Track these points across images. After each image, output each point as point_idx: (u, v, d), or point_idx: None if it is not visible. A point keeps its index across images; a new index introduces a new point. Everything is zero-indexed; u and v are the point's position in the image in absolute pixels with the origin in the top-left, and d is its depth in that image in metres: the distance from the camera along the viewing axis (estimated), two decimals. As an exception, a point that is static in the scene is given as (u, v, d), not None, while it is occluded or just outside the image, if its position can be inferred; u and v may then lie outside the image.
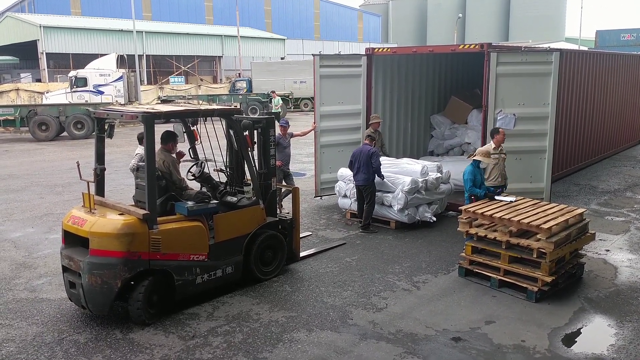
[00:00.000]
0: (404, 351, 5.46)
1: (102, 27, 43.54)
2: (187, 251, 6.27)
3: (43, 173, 15.30)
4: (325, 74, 10.96)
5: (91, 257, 5.83)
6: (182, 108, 6.82)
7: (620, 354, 5.42)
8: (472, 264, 7.24)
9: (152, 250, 5.97)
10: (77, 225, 6.05)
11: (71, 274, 6.11)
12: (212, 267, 6.53)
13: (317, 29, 67.46)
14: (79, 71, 30.18)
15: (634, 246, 8.65)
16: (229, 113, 7.06)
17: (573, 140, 13.74)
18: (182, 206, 6.30)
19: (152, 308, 6.10)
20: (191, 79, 47.64)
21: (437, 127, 13.84)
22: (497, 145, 8.33)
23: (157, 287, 6.14)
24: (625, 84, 17.29)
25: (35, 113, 23.00)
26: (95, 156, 6.90)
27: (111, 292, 5.84)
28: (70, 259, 6.09)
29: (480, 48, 9.66)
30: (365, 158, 9.15)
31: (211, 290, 6.68)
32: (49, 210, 11.11)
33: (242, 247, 6.86)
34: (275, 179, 7.65)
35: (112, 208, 6.33)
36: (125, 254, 5.80)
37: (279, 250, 7.38)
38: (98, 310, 6.00)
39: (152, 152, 6.13)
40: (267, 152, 7.43)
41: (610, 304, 6.58)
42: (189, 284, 6.34)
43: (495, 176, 8.24)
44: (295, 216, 7.74)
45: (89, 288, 5.83)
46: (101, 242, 5.81)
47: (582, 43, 55.09)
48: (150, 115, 6.13)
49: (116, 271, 5.78)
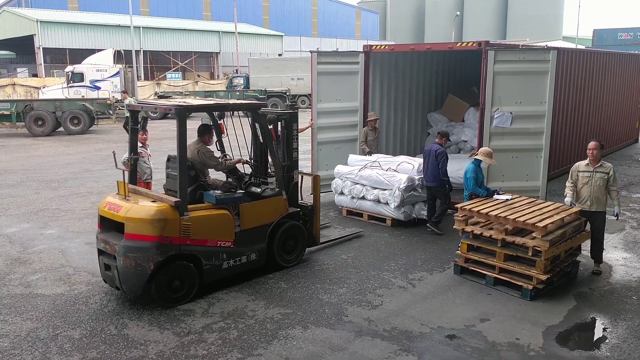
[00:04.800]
0: (399, 348, 5.46)
1: (99, 22, 43.44)
2: (214, 237, 6.62)
3: (39, 168, 15.26)
4: (323, 70, 10.94)
5: (126, 240, 6.17)
6: (212, 102, 7.28)
7: (614, 353, 5.43)
8: (467, 261, 7.25)
9: (182, 236, 6.31)
10: (113, 211, 6.39)
11: (106, 257, 6.42)
12: (237, 254, 6.87)
13: (315, 26, 67.39)
14: (75, 66, 30.08)
15: (629, 245, 8.68)
16: (256, 107, 7.40)
17: (569, 139, 13.76)
18: (211, 195, 6.67)
19: (174, 292, 6.37)
20: (188, 75, 47.58)
21: (434, 125, 13.84)
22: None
23: (181, 272, 6.41)
24: (622, 83, 17.32)
25: (31, 108, 22.89)
26: (128, 146, 7.30)
27: (144, 274, 6.13)
28: (106, 243, 6.40)
29: (477, 46, 9.66)
30: (433, 157, 8.96)
31: (236, 276, 7.00)
32: (44, 206, 11.08)
33: (265, 235, 7.19)
34: (297, 171, 7.91)
35: (145, 195, 6.70)
36: (158, 238, 6.14)
37: (300, 240, 7.70)
38: (131, 291, 6.32)
39: (184, 144, 6.49)
40: (290, 144, 7.74)
41: (605, 303, 6.60)
42: (215, 268, 6.68)
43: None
44: (315, 203, 8.04)
45: (123, 270, 6.15)
46: (136, 226, 6.15)
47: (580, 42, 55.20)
48: (183, 109, 6.45)
49: (149, 254, 6.11)
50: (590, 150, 7.27)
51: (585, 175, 7.27)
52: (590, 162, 7.28)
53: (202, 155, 7.06)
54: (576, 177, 7.37)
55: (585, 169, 7.30)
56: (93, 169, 15.17)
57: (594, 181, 7.20)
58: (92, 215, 10.33)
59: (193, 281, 6.51)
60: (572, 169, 7.48)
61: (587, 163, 7.31)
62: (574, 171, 7.43)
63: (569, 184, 7.48)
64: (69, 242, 8.78)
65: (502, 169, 9.31)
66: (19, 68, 44.36)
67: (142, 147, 9.05)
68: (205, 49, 49.63)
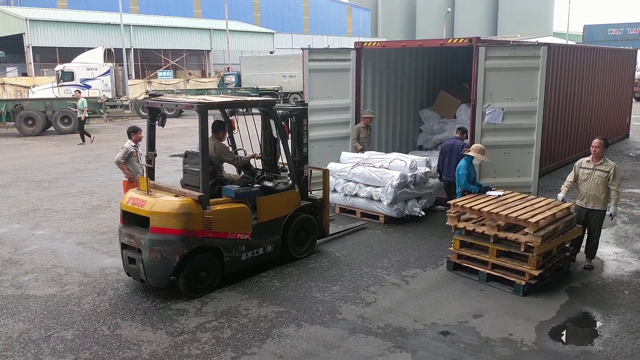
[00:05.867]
0: (393, 345, 5.47)
1: (89, 20, 43.10)
2: (234, 230, 6.85)
3: (29, 168, 15.15)
4: (315, 68, 10.91)
5: (152, 234, 6.35)
6: (231, 99, 7.58)
7: (606, 347, 5.46)
8: (460, 258, 7.27)
9: (205, 229, 6.53)
10: (137, 206, 6.57)
11: (130, 251, 6.62)
12: (255, 246, 7.13)
13: (306, 23, 67.25)
14: (65, 65, 29.84)
15: (621, 239, 8.73)
16: (271, 104, 7.61)
17: (560, 135, 13.83)
18: (229, 189, 6.88)
19: (200, 283, 6.60)
20: (179, 73, 47.39)
21: (426, 122, 13.86)
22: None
23: (205, 263, 6.65)
24: (612, 78, 17.41)
25: (21, 107, 22.72)
26: (147, 143, 7.40)
27: (170, 267, 6.35)
28: (130, 237, 6.58)
29: (469, 42, 9.67)
30: (457, 152, 8.96)
31: (254, 267, 7.26)
32: (35, 206, 11.00)
33: (280, 228, 7.46)
34: (307, 165, 8.17)
35: (166, 190, 6.88)
36: (183, 231, 6.34)
37: (312, 232, 7.96)
38: (157, 283, 6.50)
39: (206, 140, 6.73)
40: (301, 140, 8.01)
41: (597, 297, 6.64)
42: (235, 260, 6.92)
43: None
44: (325, 196, 8.30)
45: (149, 263, 6.35)
46: (161, 220, 6.34)
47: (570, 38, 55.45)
48: (204, 105, 6.68)
49: (174, 247, 6.31)
50: (593, 148, 7.25)
51: (585, 172, 7.30)
52: (592, 159, 7.29)
53: (218, 151, 7.29)
54: (578, 173, 7.41)
55: (586, 165, 7.32)
56: (84, 168, 15.08)
57: (593, 179, 7.21)
58: (84, 215, 10.29)
59: (216, 272, 6.76)
60: (575, 164, 7.52)
61: (589, 160, 7.33)
62: (576, 167, 7.47)
63: (568, 180, 7.52)
64: (60, 243, 8.73)
65: (494, 165, 9.34)
66: (8, 67, 43.98)
67: (134, 147, 9.02)
68: (196, 47, 49.39)
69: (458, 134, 9.42)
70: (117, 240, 8.65)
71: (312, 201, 8.09)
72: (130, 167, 8.91)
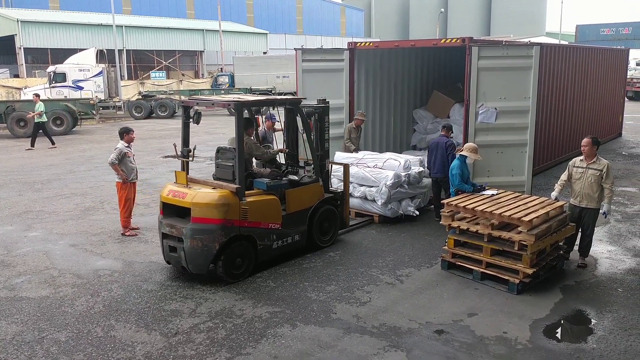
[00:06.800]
0: (388, 344, 5.47)
1: (81, 21, 42.89)
2: (266, 220, 7.31)
3: (22, 170, 15.05)
4: (308, 68, 10.91)
5: (193, 224, 6.79)
6: (263, 98, 8.12)
7: (600, 344, 5.49)
8: (454, 257, 7.29)
9: (241, 219, 6.98)
10: (178, 198, 7.00)
11: (171, 240, 7.05)
12: (284, 235, 7.59)
13: (299, 24, 67.22)
14: (57, 66, 29.67)
15: (614, 238, 8.78)
16: (298, 102, 8.09)
17: (554, 134, 13.88)
18: (261, 182, 7.43)
19: (237, 269, 7.04)
20: (172, 74, 47.23)
21: (419, 122, 13.88)
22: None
23: (242, 251, 7.09)
24: (604, 77, 17.50)
25: (13, 109, 22.54)
26: (181, 140, 7.65)
27: (210, 254, 6.80)
28: (171, 227, 7.01)
29: (462, 42, 9.69)
30: (442, 150, 9.17)
31: (283, 255, 7.70)
32: (27, 208, 10.93)
33: (306, 219, 7.91)
34: (329, 160, 8.63)
35: (202, 183, 7.34)
36: (223, 221, 6.79)
37: (334, 222, 8.42)
38: (197, 269, 6.91)
39: (242, 136, 7.12)
40: (323, 136, 8.42)
41: (591, 295, 6.67)
42: (267, 248, 7.38)
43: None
44: (345, 189, 8.75)
45: (190, 251, 6.78)
46: (202, 211, 6.77)
47: (563, 37, 55.71)
48: (240, 103, 7.14)
49: (215, 235, 6.76)
50: (582, 147, 7.31)
51: (579, 171, 7.33)
52: (584, 158, 7.33)
53: (249, 146, 7.72)
54: (571, 171, 7.44)
55: (580, 164, 7.36)
56: (77, 169, 15.00)
57: (586, 177, 7.25)
58: (77, 217, 10.23)
59: (250, 260, 7.20)
60: (569, 164, 7.55)
61: (582, 159, 7.36)
62: (570, 166, 7.51)
63: (561, 179, 7.56)
64: (53, 244, 8.68)
65: (487, 164, 9.37)
66: (-1, 69, 43.72)
67: (127, 148, 8.98)
68: (190, 48, 49.25)
69: (444, 132, 9.49)
70: (111, 242, 8.69)
71: (334, 194, 8.53)
72: (123, 168, 8.87)
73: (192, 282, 7.04)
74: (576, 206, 7.40)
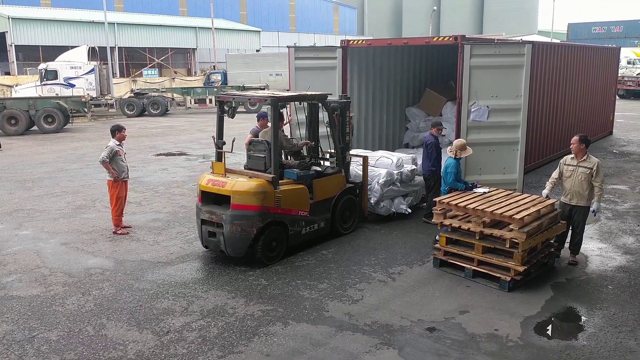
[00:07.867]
0: (380, 342, 5.48)
1: (73, 18, 42.61)
2: (296, 208, 7.83)
3: (12, 168, 14.96)
4: (301, 66, 10.89)
5: (232, 210, 7.28)
6: (296, 94, 8.58)
7: (591, 341, 5.52)
8: (446, 254, 7.31)
9: (276, 205, 7.50)
10: (218, 186, 7.47)
11: (210, 225, 7.52)
12: (312, 222, 8.11)
13: (292, 21, 67.10)
14: (49, 64, 29.49)
15: (604, 235, 8.83)
16: (324, 97, 8.50)
17: (545, 132, 13.93)
18: (292, 172, 7.97)
19: (271, 252, 7.57)
20: (165, 72, 47.02)
21: (412, 120, 13.89)
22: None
23: (276, 235, 7.59)
24: (596, 76, 17.58)
25: (4, 107, 22.40)
26: (216, 133, 8.15)
27: (248, 238, 7.31)
28: (211, 213, 7.48)
29: (454, 40, 9.71)
30: (428, 147, 9.26)
31: (311, 241, 8.20)
32: (18, 206, 10.87)
33: (330, 207, 8.42)
34: (349, 152, 9.07)
35: (239, 173, 7.82)
36: (260, 207, 7.32)
37: (354, 211, 8.91)
38: (236, 253, 7.42)
39: (277, 129, 7.69)
40: (344, 129, 8.85)
41: (581, 292, 6.71)
42: (297, 234, 7.91)
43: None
44: (364, 180, 9.17)
45: (229, 235, 7.28)
46: (241, 198, 7.27)
47: (555, 36, 55.90)
48: (276, 99, 7.58)
49: (252, 221, 7.28)
50: (571, 145, 7.36)
51: (569, 169, 7.37)
52: (575, 156, 7.37)
53: (280, 139, 8.07)
54: (562, 169, 7.47)
55: (571, 162, 7.39)
56: (68, 168, 14.92)
57: (576, 175, 7.28)
58: (68, 215, 10.18)
59: (282, 244, 7.72)
60: (560, 162, 7.59)
61: (573, 157, 7.40)
62: (561, 164, 7.54)
63: (552, 177, 7.59)
64: (44, 243, 8.63)
65: (479, 162, 9.40)
66: (-10, 66, 43.37)
67: (118, 146, 8.94)
68: (182, 45, 49.03)
69: (432, 129, 9.48)
70: (103, 240, 8.66)
71: (354, 184, 8.94)
72: (115, 166, 8.83)
73: (183, 281, 7.04)
74: (567, 204, 7.44)
